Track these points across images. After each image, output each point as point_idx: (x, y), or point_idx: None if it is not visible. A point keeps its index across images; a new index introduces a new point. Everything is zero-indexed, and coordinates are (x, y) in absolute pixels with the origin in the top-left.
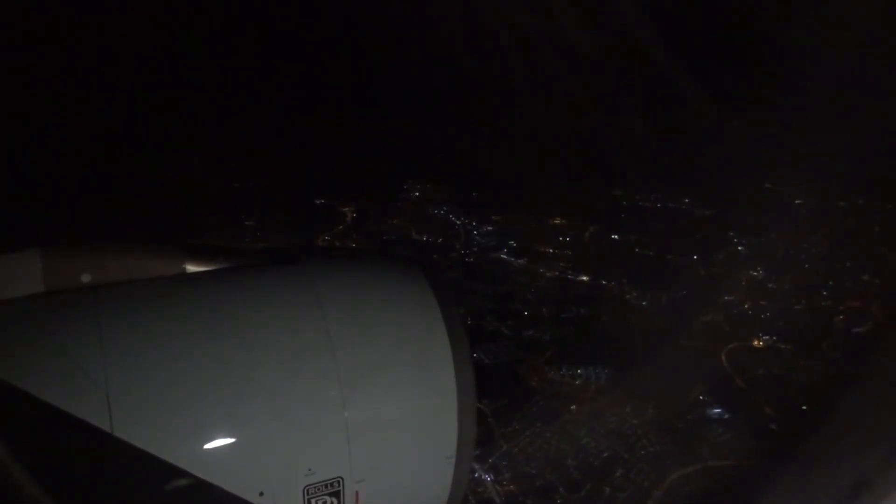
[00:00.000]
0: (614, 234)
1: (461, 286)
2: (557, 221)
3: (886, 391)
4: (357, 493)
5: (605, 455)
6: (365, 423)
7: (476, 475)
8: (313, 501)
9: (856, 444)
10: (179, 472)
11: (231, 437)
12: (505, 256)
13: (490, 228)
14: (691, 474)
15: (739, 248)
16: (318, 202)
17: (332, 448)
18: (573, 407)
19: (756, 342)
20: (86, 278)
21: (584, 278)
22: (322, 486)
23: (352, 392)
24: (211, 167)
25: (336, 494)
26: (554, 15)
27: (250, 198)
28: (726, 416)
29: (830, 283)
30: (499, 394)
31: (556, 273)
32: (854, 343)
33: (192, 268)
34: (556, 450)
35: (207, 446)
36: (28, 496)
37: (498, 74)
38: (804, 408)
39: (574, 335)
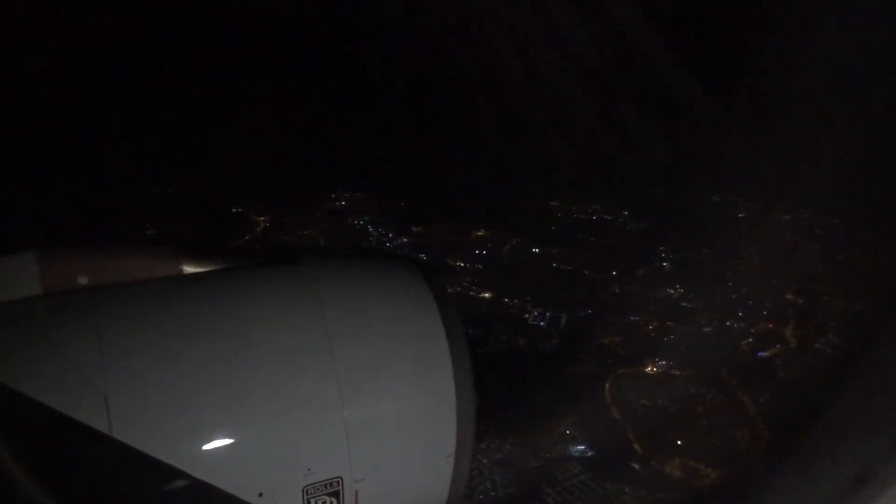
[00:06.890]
0: (535, 248)
1: None
2: (481, 233)
3: (886, 383)
4: (356, 492)
5: None
6: (364, 422)
7: None
8: (313, 501)
9: (857, 437)
10: (178, 474)
11: (230, 437)
12: None
13: (405, 241)
14: None
15: (664, 264)
16: (234, 210)
17: (331, 448)
18: None
19: (649, 368)
20: (83, 280)
21: (486, 295)
22: (321, 485)
23: (351, 391)
24: (131, 173)
25: (335, 494)
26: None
27: (165, 206)
28: (588, 454)
29: (750, 302)
30: None
31: (458, 289)
32: (755, 369)
33: (189, 269)
34: None
35: (206, 447)
36: (28, 497)
37: (445, 79)
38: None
39: None
